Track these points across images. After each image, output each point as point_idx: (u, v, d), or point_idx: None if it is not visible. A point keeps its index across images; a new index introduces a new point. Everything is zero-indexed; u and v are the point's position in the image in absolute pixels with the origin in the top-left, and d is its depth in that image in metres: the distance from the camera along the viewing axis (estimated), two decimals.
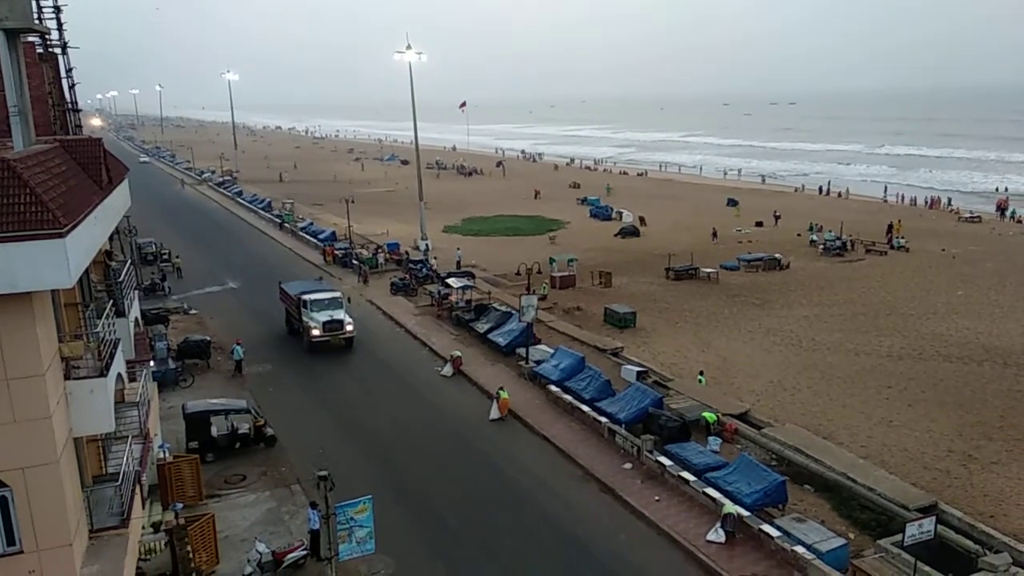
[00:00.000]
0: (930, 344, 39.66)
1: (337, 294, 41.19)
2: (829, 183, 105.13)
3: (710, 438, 28.08)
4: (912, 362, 37.36)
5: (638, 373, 33.69)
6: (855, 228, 66.93)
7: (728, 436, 28.59)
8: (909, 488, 24.29)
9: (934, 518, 20.04)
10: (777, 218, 75.76)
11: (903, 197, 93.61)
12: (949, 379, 35.05)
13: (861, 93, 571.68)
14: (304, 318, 39.11)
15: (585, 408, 30.41)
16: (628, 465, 26.72)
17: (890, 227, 66.02)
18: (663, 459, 25.99)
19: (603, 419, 29.30)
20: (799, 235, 68.24)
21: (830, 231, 65.63)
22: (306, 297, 39.61)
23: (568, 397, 31.53)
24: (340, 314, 39.38)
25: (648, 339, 41.10)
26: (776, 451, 27.28)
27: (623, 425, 28.66)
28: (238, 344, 37.42)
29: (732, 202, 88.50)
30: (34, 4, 29.17)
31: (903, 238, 63.63)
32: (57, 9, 34.97)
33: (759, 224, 75.03)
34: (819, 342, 40.38)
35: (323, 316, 38.73)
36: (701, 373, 34.81)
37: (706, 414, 29.45)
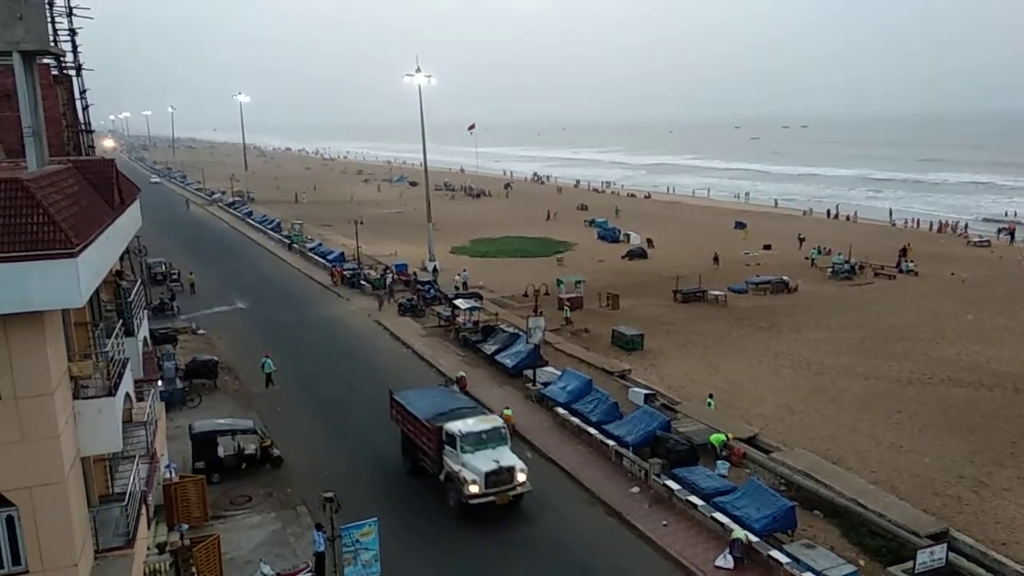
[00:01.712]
0: (940, 369, 39.39)
1: (498, 421, 26.91)
2: (837, 206, 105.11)
3: (718, 462, 27.89)
4: (922, 387, 37.10)
5: (646, 396, 33.55)
6: (863, 251, 66.80)
7: (736, 460, 28.39)
8: (920, 514, 24.03)
9: (945, 545, 19.86)
10: (801, 240, 74.70)
11: (916, 221, 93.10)
12: (960, 404, 34.77)
13: (877, 117, 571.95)
14: (451, 462, 25.55)
15: (592, 431, 30.28)
16: (635, 489, 26.54)
17: (903, 250, 65.77)
18: (671, 483, 25.82)
19: (610, 442, 29.15)
20: (807, 259, 68.09)
21: (839, 254, 65.50)
22: (452, 429, 25.71)
23: (575, 419, 31.41)
24: (508, 456, 25.58)
25: (656, 361, 40.97)
26: (785, 476, 27.05)
27: (631, 448, 28.50)
28: (267, 357, 37.74)
29: (740, 225, 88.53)
30: (50, 27, 29.66)
31: (912, 262, 63.43)
32: (72, 32, 35.53)
33: (767, 247, 74.95)
34: (828, 366, 40.16)
35: (483, 462, 24.89)
36: (710, 396, 34.63)
37: (713, 437, 29.25)
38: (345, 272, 60.58)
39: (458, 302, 47.14)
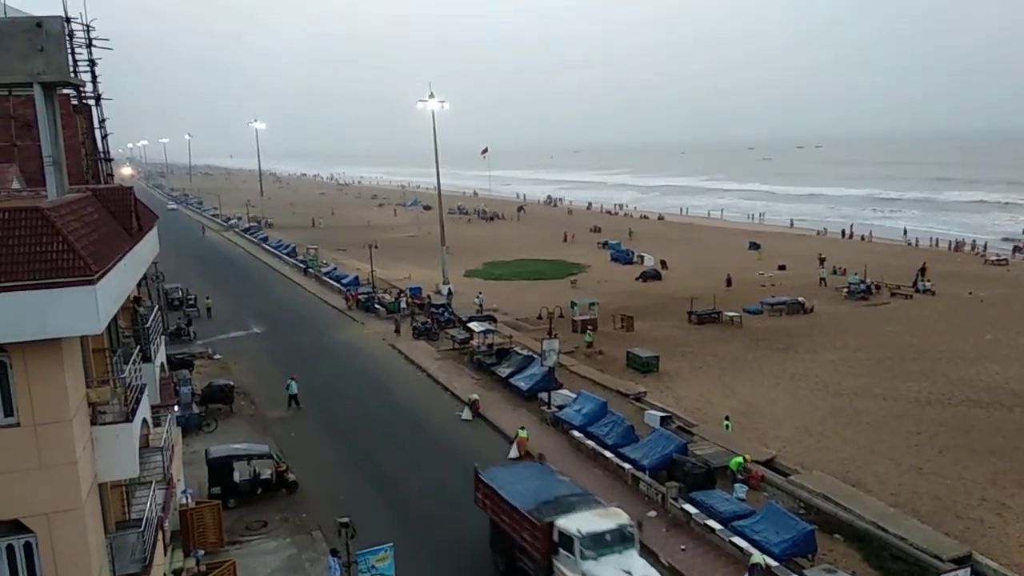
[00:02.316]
0: (959, 389, 38.92)
1: (622, 517, 21.18)
2: (852, 226, 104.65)
3: (736, 485, 27.59)
4: (941, 407, 36.67)
5: (662, 418, 33.36)
6: (879, 271, 66.38)
7: (754, 483, 28.08)
8: (942, 538, 23.66)
9: (969, 569, 19.52)
10: (822, 260, 73.73)
11: (935, 241, 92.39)
12: (980, 425, 34.31)
13: (892, 136, 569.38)
14: (566, 571, 20.25)
15: (608, 454, 30.09)
16: (653, 513, 26.30)
17: (922, 269, 65.26)
18: (688, 507, 25.58)
19: (626, 465, 28.95)
20: (821, 278, 67.73)
21: (855, 274, 65.10)
22: (569, 528, 20.34)
23: (591, 443, 31.25)
24: (639, 566, 20.18)
25: (671, 384, 40.75)
26: (804, 499, 26.73)
27: (647, 472, 28.28)
28: (293, 379, 38.07)
29: (754, 246, 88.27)
30: (70, 58, 30.21)
31: (929, 281, 62.95)
32: (91, 62, 36.11)
33: (782, 267, 74.63)
34: (845, 387, 39.79)
35: (610, 572, 19.63)
36: (727, 418, 34.35)
37: (732, 461, 28.87)
38: (360, 296, 60.83)
39: (472, 325, 47.19)
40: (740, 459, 28.88)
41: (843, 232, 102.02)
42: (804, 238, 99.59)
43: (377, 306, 58.06)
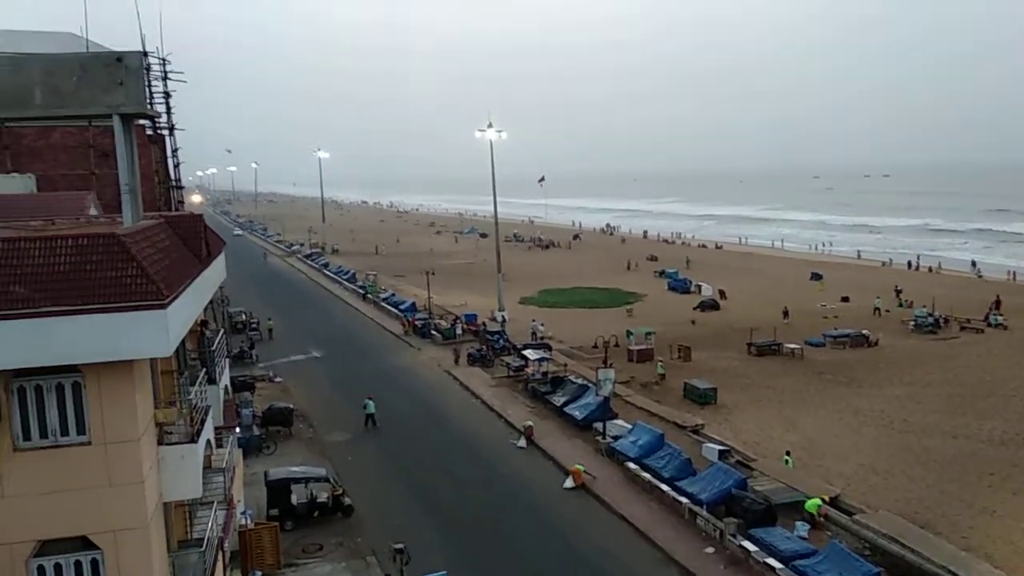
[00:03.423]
0: None
1: None
2: (918, 257, 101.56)
3: (798, 523, 26.77)
4: (1016, 447, 35.05)
5: (720, 452, 32.68)
6: (948, 304, 64.18)
7: (818, 522, 27.19)
8: None
9: None
10: (898, 292, 71.44)
11: (1012, 274, 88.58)
12: None
13: (963, 165, 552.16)
14: None
15: (664, 487, 29.60)
16: (710, 549, 25.71)
17: (996, 302, 62.93)
18: (747, 544, 24.93)
19: (683, 499, 28.42)
20: (888, 311, 65.76)
21: (923, 307, 63.05)
22: None
23: (647, 475, 30.78)
24: None
25: (730, 416, 39.94)
26: (869, 539, 25.79)
27: (704, 506, 27.69)
28: (370, 399, 39.04)
29: (816, 276, 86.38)
30: (147, 91, 31.54)
31: (1001, 315, 60.59)
32: (167, 95, 37.62)
33: (845, 299, 72.74)
34: (913, 423, 38.42)
35: None
36: (787, 454, 33.47)
37: (809, 503, 27.65)
38: (416, 322, 61.44)
39: (527, 352, 47.12)
40: (818, 501, 27.72)
41: (909, 263, 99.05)
42: (868, 269, 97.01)
43: (433, 332, 58.54)
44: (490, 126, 64.91)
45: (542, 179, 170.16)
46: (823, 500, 27.88)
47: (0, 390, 13.41)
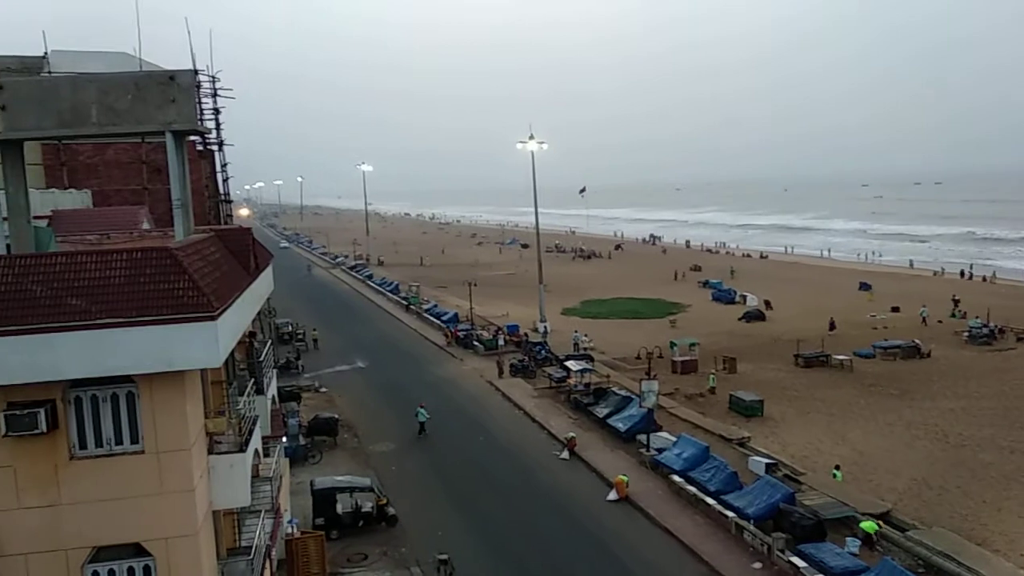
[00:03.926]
0: None
1: None
2: (972, 266, 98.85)
3: (849, 539, 26.13)
4: None
5: (767, 465, 32.10)
6: (1004, 314, 62.31)
7: (872, 541, 26.46)
8: None
9: None
10: (956, 302, 69.33)
11: None
12: None
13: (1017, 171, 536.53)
14: None
15: (710, 501, 29.19)
16: (758, 565, 25.26)
17: None
18: (796, 560, 24.43)
19: (730, 513, 27.98)
20: (940, 322, 64.10)
21: (976, 318, 61.33)
22: None
23: (692, 488, 30.39)
24: None
25: (777, 429, 39.26)
26: (923, 557, 25.08)
27: (751, 521, 27.22)
28: (422, 407, 39.68)
29: (865, 286, 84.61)
30: (198, 108, 32.30)
31: None
32: (216, 111, 38.54)
33: (895, 309, 71.06)
34: (968, 437, 37.32)
35: None
36: (837, 468, 32.75)
37: (865, 524, 26.84)
38: (459, 333, 61.68)
39: (570, 364, 46.95)
40: (874, 524, 26.91)
41: (962, 272, 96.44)
42: (919, 278, 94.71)
43: (475, 343, 58.71)
44: (531, 137, 64.98)
45: (583, 190, 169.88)
46: (879, 525, 27.03)
47: (58, 400, 13.83)
